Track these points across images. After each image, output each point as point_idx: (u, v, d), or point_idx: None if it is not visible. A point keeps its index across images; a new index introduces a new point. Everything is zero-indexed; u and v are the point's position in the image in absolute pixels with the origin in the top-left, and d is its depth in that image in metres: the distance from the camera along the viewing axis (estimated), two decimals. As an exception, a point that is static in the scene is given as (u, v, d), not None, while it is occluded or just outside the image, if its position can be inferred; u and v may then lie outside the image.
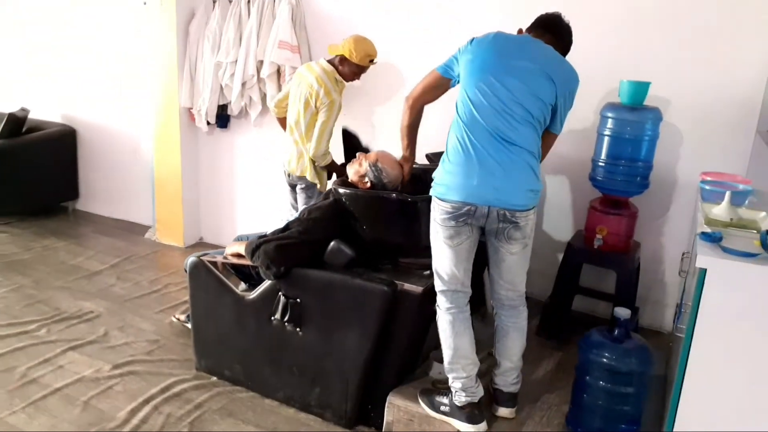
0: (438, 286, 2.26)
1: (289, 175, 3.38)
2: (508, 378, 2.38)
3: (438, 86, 2.29)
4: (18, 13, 5.20)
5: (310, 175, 3.28)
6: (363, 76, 3.34)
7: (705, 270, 1.86)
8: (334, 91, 3.16)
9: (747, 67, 2.81)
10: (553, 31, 2.32)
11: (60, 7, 4.94)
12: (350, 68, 3.23)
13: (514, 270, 2.28)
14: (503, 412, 2.38)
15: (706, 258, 1.86)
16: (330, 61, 3.26)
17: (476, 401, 2.25)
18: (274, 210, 3.87)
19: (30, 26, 5.15)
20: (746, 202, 2.37)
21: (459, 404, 2.25)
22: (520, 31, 2.34)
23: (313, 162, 3.26)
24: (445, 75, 2.25)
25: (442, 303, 2.26)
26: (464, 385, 2.24)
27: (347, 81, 3.30)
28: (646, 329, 3.21)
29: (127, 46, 4.65)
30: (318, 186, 3.33)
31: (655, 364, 2.31)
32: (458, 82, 2.23)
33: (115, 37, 4.70)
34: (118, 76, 4.78)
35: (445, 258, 2.20)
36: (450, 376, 2.27)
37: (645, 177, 2.84)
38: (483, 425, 2.25)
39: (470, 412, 2.24)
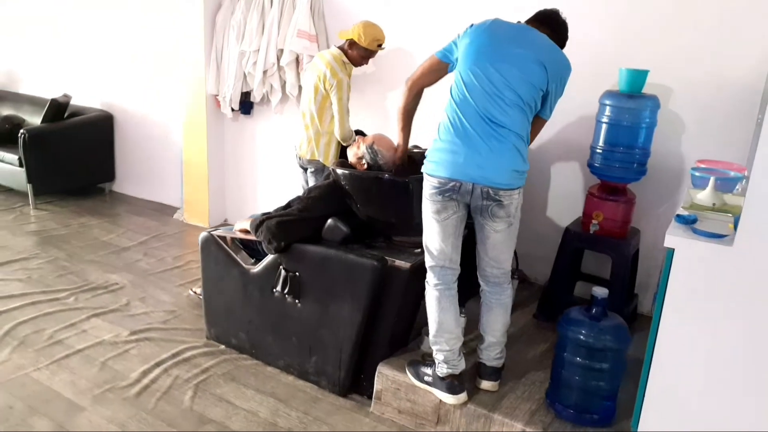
0: (428, 261, 2.37)
1: (300, 158, 3.53)
2: (491, 353, 2.47)
3: (436, 70, 2.39)
4: (62, 8, 5.51)
5: (323, 157, 3.41)
6: (378, 65, 3.44)
7: (673, 250, 1.92)
8: (341, 71, 3.28)
9: (747, 56, 2.80)
10: (551, 25, 2.41)
11: (99, 3, 5.22)
12: (359, 52, 3.35)
13: (498, 248, 2.36)
14: (486, 385, 2.47)
15: (674, 238, 1.92)
16: (340, 48, 3.39)
17: (457, 373, 2.36)
18: (293, 191, 4.01)
19: (72, 20, 5.46)
20: (736, 188, 2.39)
21: (441, 375, 2.36)
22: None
23: (329, 144, 3.39)
24: (444, 60, 2.35)
25: (430, 279, 2.37)
26: (446, 358, 2.35)
27: (356, 65, 3.43)
28: (646, 315, 3.23)
29: (159, 37, 4.89)
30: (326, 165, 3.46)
31: (641, 348, 2.36)
32: (455, 67, 2.32)
33: (149, 28, 4.95)
34: (152, 64, 5.03)
35: (434, 233, 2.32)
36: (434, 348, 2.38)
37: (642, 164, 2.87)
38: (463, 396, 2.36)
39: (451, 383, 2.35)
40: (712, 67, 2.90)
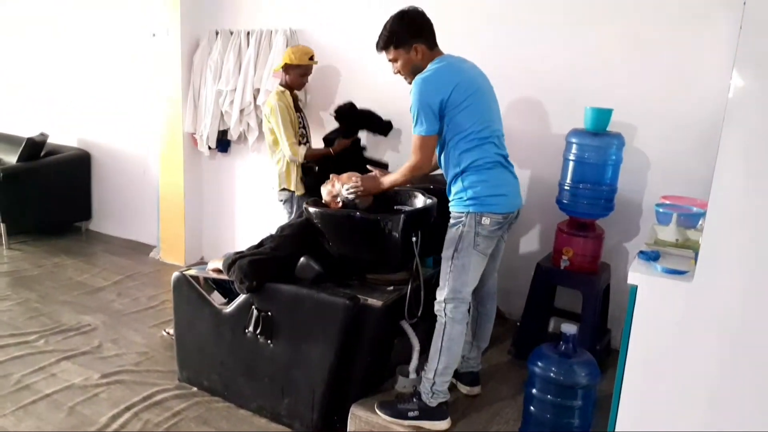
0: (458, 300, 2.38)
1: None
2: (479, 358, 2.69)
3: (435, 144, 2.42)
4: (38, 47, 5.56)
5: (286, 183, 3.60)
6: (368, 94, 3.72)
7: (636, 287, 1.96)
8: (276, 100, 3.51)
9: (708, 93, 2.89)
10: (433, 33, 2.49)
11: (76, 40, 5.29)
12: (295, 72, 3.59)
13: (499, 256, 2.61)
14: (475, 390, 2.68)
15: (637, 275, 1.96)
16: (281, 83, 3.64)
17: (448, 397, 2.47)
18: (271, 229, 4.01)
19: (49, 58, 5.51)
20: (699, 224, 2.44)
21: (433, 405, 2.42)
22: (425, 52, 2.43)
23: (288, 169, 3.57)
24: (436, 132, 2.36)
25: (457, 315, 2.39)
26: (447, 386, 2.44)
27: (299, 87, 3.71)
28: (618, 350, 3.24)
29: (137, 75, 4.93)
30: (294, 193, 3.60)
31: (609, 382, 2.38)
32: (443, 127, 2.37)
33: (127, 66, 5.00)
34: (130, 103, 5.06)
35: (477, 268, 2.41)
36: (438, 380, 2.41)
37: (609, 200, 2.93)
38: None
39: (443, 410, 2.43)
40: (674, 105, 2.99)
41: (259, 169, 4.43)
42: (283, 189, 3.63)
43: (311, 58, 3.64)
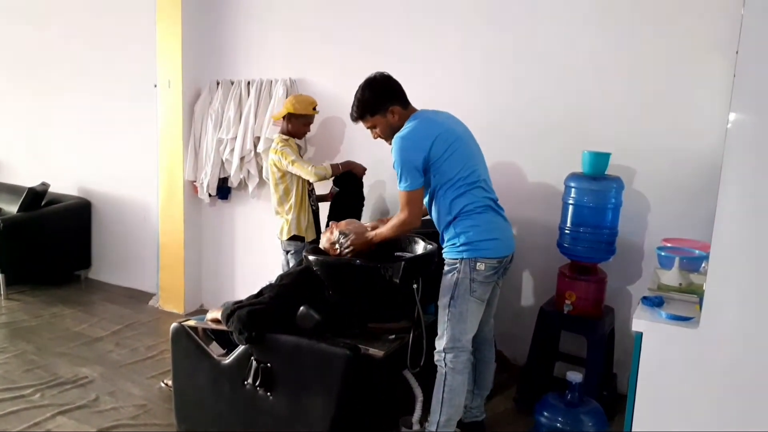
0: (458, 349, 2.36)
1: (281, 243, 3.68)
2: (482, 407, 2.63)
3: (422, 197, 2.45)
4: (39, 96, 5.64)
5: (288, 230, 3.57)
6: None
7: (641, 334, 1.93)
8: (283, 146, 3.50)
9: (707, 134, 2.92)
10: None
11: (77, 89, 5.36)
12: (298, 121, 3.62)
13: (496, 302, 2.58)
14: None
15: (642, 322, 1.94)
16: (281, 132, 3.66)
17: None
18: (271, 276, 4.00)
19: (50, 107, 5.58)
20: (702, 267, 2.42)
21: None
22: (401, 112, 2.50)
23: (299, 216, 3.56)
24: (421, 185, 2.40)
25: (458, 365, 2.36)
26: None
27: (300, 136, 3.73)
28: (625, 395, 3.17)
29: (138, 124, 4.99)
30: (305, 240, 3.58)
31: (614, 426, 2.32)
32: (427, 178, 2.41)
33: (128, 116, 5.06)
34: (130, 151, 5.10)
35: (476, 315, 2.39)
36: None
37: (611, 243, 2.92)
38: None
39: None
40: (672, 147, 3.01)
41: (259, 216, 4.43)
42: (293, 238, 3.59)
43: (314, 108, 3.69)
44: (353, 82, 3.91)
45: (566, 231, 2.94)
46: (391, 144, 2.48)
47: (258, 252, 4.47)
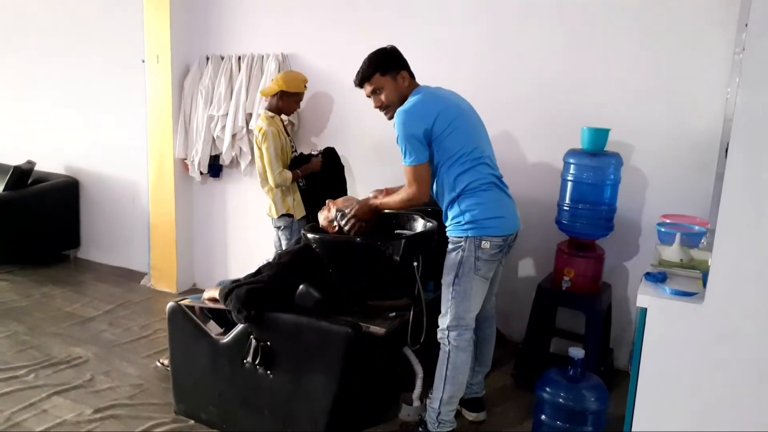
0: (462, 327, 2.36)
1: (272, 221, 3.66)
2: (482, 384, 2.64)
3: (429, 171, 2.40)
4: (23, 72, 5.49)
5: (276, 210, 3.56)
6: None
7: (645, 309, 1.93)
8: (266, 125, 3.48)
9: (705, 111, 2.92)
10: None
11: (63, 65, 5.22)
12: (290, 99, 3.59)
13: (498, 279, 2.57)
14: (480, 416, 2.64)
15: (646, 297, 1.93)
16: (268, 108, 3.61)
17: (456, 425, 2.43)
18: (264, 254, 3.98)
19: (36, 83, 5.44)
20: (702, 243, 2.43)
21: None
22: (410, 80, 2.49)
23: (285, 193, 3.55)
24: (427, 159, 2.35)
25: (461, 343, 2.36)
26: (453, 415, 2.40)
27: (290, 113, 3.72)
28: (622, 371, 3.22)
29: (126, 101, 4.88)
30: (294, 217, 3.57)
31: (620, 405, 2.33)
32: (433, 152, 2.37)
33: (116, 92, 4.95)
34: (118, 128, 5.00)
35: (480, 294, 2.38)
36: (444, 410, 2.37)
37: (609, 220, 2.92)
38: None
39: None
40: (671, 123, 3.01)
41: (251, 194, 4.37)
42: (283, 215, 3.58)
43: (305, 85, 3.65)
44: (345, 57, 3.88)
45: (565, 208, 2.93)
46: (390, 118, 2.45)
47: (250, 230, 4.43)
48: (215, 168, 4.48)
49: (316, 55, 3.99)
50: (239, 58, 4.19)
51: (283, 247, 3.64)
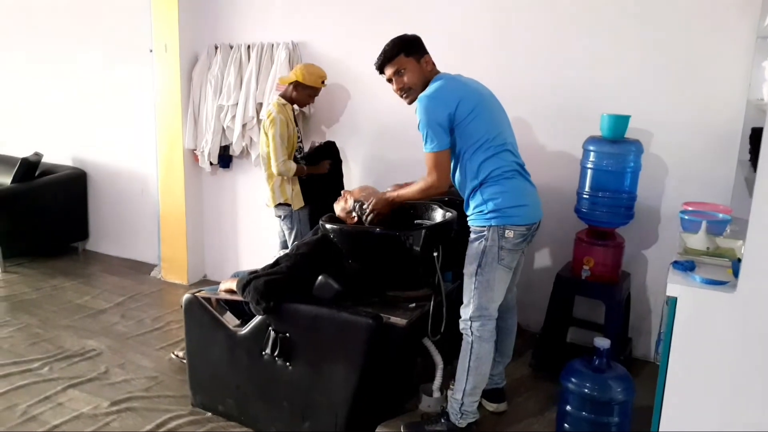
0: (485, 317, 2.33)
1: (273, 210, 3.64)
2: (503, 374, 2.64)
3: (449, 158, 2.36)
4: (31, 62, 5.44)
5: (282, 198, 3.52)
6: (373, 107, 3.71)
7: (676, 298, 1.90)
8: (276, 112, 3.44)
9: (726, 97, 2.87)
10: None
11: (69, 55, 5.16)
12: (304, 92, 3.55)
13: (520, 269, 2.53)
14: (501, 407, 2.64)
15: (676, 286, 1.90)
16: (281, 95, 3.57)
17: (479, 417, 2.42)
18: (275, 245, 3.96)
19: (42, 74, 5.38)
20: (726, 230, 2.40)
21: (462, 425, 2.36)
22: (433, 65, 2.46)
23: (283, 182, 3.52)
24: (448, 146, 2.31)
25: (485, 333, 2.33)
26: (476, 406, 2.39)
27: (302, 105, 3.68)
28: (640, 360, 3.20)
29: (134, 91, 4.84)
30: (292, 207, 3.54)
31: (644, 395, 2.31)
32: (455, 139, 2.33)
33: (123, 82, 4.90)
34: (126, 119, 4.96)
35: (504, 284, 2.35)
36: (467, 401, 2.35)
37: (629, 208, 2.89)
38: None
39: (472, 430, 2.39)
40: (690, 110, 2.96)
41: (262, 184, 4.32)
42: (280, 204, 3.56)
43: (323, 82, 3.61)
44: (356, 47, 3.85)
45: (584, 196, 2.89)
46: (410, 103, 2.41)
47: (261, 221, 4.39)
48: (225, 158, 4.44)
49: (328, 44, 3.94)
50: (248, 47, 4.14)
51: (286, 238, 3.62)
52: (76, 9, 5.03)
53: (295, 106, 3.65)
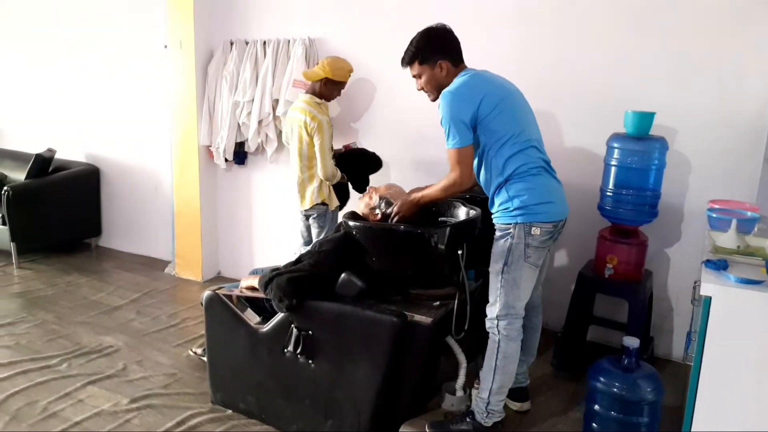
0: (511, 315, 2.31)
1: (302, 212, 3.57)
2: (526, 373, 2.62)
3: (472, 154, 2.33)
4: (44, 58, 5.43)
5: (312, 199, 3.47)
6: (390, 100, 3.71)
7: (710, 298, 1.87)
8: (319, 113, 3.36)
9: (752, 95, 2.84)
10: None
11: (84, 51, 5.16)
12: (334, 87, 3.50)
13: (545, 267, 2.50)
14: (525, 406, 2.63)
15: (710, 286, 1.87)
16: (308, 92, 3.50)
17: (504, 416, 2.40)
18: (290, 243, 3.95)
19: (56, 70, 5.38)
20: (754, 229, 2.37)
21: (488, 424, 2.34)
22: (450, 68, 2.40)
23: (322, 183, 3.45)
24: (471, 142, 2.28)
25: (512, 332, 2.31)
26: (502, 405, 2.38)
27: (330, 100, 3.57)
28: (662, 359, 3.17)
29: (148, 88, 4.83)
30: (329, 207, 3.50)
31: (669, 394, 2.29)
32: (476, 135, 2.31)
33: (137, 78, 4.89)
34: (140, 116, 4.95)
35: (530, 282, 2.32)
36: (493, 399, 2.34)
37: (654, 206, 2.86)
38: None
39: (497, 429, 2.37)
40: (715, 106, 2.93)
41: (277, 181, 4.33)
42: (318, 204, 3.48)
43: (350, 74, 3.57)
44: (375, 42, 3.82)
45: (608, 193, 2.87)
46: (433, 100, 2.39)
47: (276, 218, 4.39)
48: (240, 155, 4.43)
49: (345, 40, 3.91)
50: (264, 42, 4.12)
51: (314, 237, 3.59)
52: (91, 5, 5.02)
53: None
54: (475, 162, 2.36)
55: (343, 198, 3.61)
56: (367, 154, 3.65)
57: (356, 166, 3.62)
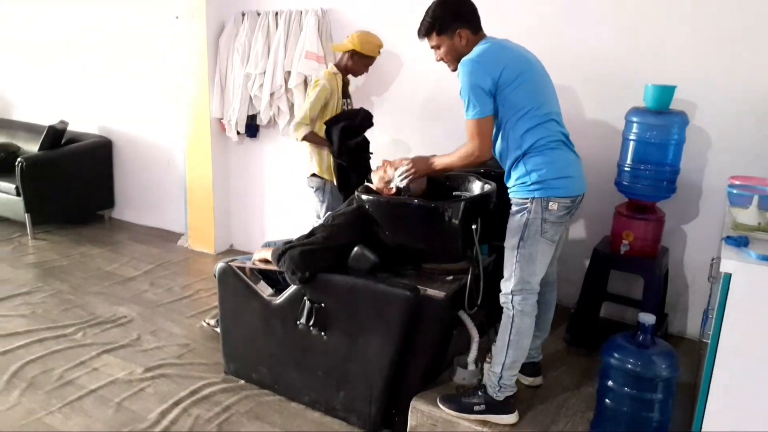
0: (527, 291, 2.26)
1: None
2: (539, 349, 2.60)
3: (492, 125, 2.26)
4: (57, 32, 5.41)
5: (310, 168, 3.44)
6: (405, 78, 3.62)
7: (730, 275, 1.84)
8: (325, 79, 3.31)
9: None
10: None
11: (95, 23, 5.12)
12: (361, 61, 3.41)
13: (561, 244, 2.45)
14: (537, 381, 2.61)
15: (731, 262, 1.84)
16: (336, 64, 3.43)
17: (516, 390, 2.38)
18: (302, 216, 3.94)
19: (68, 43, 5.36)
20: (776, 205, 2.32)
21: (500, 398, 2.33)
22: (469, 37, 2.31)
23: (318, 156, 3.40)
24: (491, 113, 2.22)
25: (526, 307, 2.27)
26: (515, 380, 2.35)
27: (357, 75, 3.51)
28: (676, 336, 3.15)
29: (159, 60, 4.79)
30: (326, 181, 3.42)
31: (683, 371, 2.27)
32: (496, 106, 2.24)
33: (149, 50, 4.86)
34: (152, 88, 4.93)
35: (546, 257, 2.28)
36: (506, 374, 2.31)
37: (672, 182, 2.81)
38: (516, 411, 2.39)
39: (510, 403, 2.34)
40: (738, 82, 2.85)
41: (289, 154, 4.31)
42: (314, 175, 3.46)
43: (379, 51, 3.48)
44: (388, 13, 3.74)
45: (626, 168, 2.82)
46: (453, 70, 2.33)
47: (288, 190, 4.38)
48: (252, 128, 4.40)
49: (358, 11, 3.85)
50: (276, 14, 4.06)
51: (317, 210, 3.55)
52: (102, -26, 4.97)
53: (350, 76, 3.52)
54: (493, 133, 2.31)
55: (344, 184, 3.40)
56: (355, 123, 3.42)
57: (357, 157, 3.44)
